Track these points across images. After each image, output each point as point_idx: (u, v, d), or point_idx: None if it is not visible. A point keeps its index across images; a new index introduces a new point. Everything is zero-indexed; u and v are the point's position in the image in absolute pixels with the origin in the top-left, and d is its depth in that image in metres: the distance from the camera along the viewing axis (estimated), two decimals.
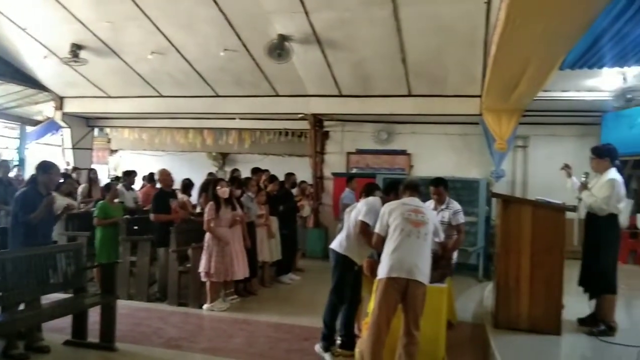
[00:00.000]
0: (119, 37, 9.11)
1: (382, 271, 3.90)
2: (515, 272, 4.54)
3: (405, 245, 3.87)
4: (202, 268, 6.16)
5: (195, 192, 8.20)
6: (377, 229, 4.15)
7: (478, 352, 4.50)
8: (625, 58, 5.63)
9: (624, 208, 4.77)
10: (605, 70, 6.85)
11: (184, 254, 6.61)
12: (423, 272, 3.86)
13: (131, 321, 5.57)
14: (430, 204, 5.64)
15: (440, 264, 4.98)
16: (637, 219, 9.23)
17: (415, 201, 4.14)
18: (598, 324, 4.57)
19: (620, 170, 4.66)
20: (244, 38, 8.54)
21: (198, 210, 7.80)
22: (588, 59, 5.77)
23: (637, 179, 9.58)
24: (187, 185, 8.13)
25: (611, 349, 4.21)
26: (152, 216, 6.84)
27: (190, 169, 11.40)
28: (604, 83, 7.80)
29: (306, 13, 7.54)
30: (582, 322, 4.79)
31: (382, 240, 4.05)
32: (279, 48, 8.11)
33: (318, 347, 4.63)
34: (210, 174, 10.43)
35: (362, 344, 4.30)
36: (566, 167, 5.07)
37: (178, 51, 9.20)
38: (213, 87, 10.50)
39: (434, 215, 4.50)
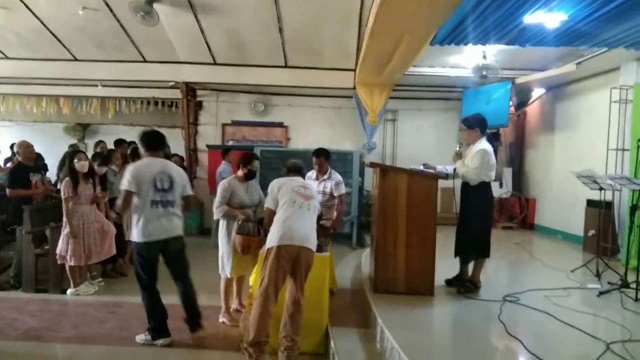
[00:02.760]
0: None
1: (273, 240, 3.88)
2: (393, 238, 4.70)
3: (297, 216, 3.96)
4: (58, 250, 5.59)
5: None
6: (268, 204, 4.18)
7: (359, 316, 4.62)
8: (486, 37, 6.05)
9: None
10: (468, 48, 7.33)
11: (41, 235, 5.92)
12: (312, 241, 3.97)
13: None
14: (312, 174, 5.66)
15: (322, 234, 5.06)
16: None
17: (300, 180, 4.37)
18: (464, 284, 4.94)
19: (490, 140, 4.96)
20: None
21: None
22: (455, 36, 6.10)
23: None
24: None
25: (476, 304, 4.57)
26: (8, 191, 6.03)
27: (43, 141, 10.23)
28: (466, 60, 8.37)
29: None
30: (448, 282, 5.13)
31: (273, 214, 4.07)
32: (144, 10, 7.44)
33: (142, 337, 4.37)
34: (72, 145, 9.43)
35: (247, 318, 4.20)
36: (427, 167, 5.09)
37: (27, 7, 8.07)
38: (70, 49, 9.46)
39: (315, 190, 4.66)
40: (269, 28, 8.34)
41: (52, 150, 9.54)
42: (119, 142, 7.99)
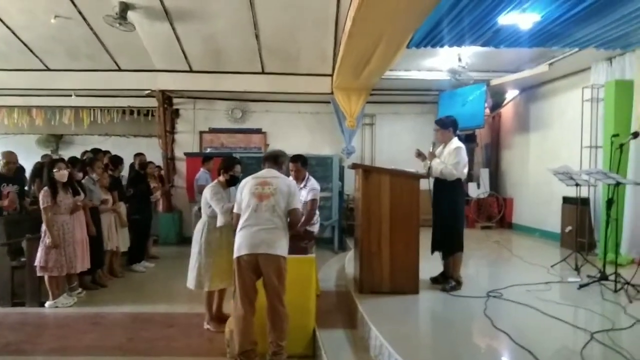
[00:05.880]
0: None
1: (234, 251, 3.79)
2: (377, 237, 4.73)
3: (252, 221, 3.77)
4: (38, 261, 5.43)
5: None
6: (235, 208, 4.00)
7: (345, 317, 4.62)
8: (462, 38, 6.15)
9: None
10: (443, 51, 7.44)
11: (17, 247, 5.78)
12: (274, 245, 3.74)
13: None
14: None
15: (301, 236, 5.04)
16: (469, 187, 10.33)
17: (269, 172, 4.01)
18: (448, 281, 5.00)
19: (461, 140, 5.11)
20: (79, 4, 7.62)
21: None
22: (431, 38, 6.19)
23: (469, 151, 10.67)
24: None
25: (461, 301, 4.62)
26: None
27: (17, 154, 9.98)
28: (441, 63, 8.48)
29: None
30: (434, 280, 5.20)
31: (238, 217, 3.90)
32: (118, 20, 7.33)
33: None
34: (44, 156, 9.21)
35: (232, 323, 4.16)
36: (420, 154, 5.21)
37: None
38: (42, 59, 9.30)
39: (285, 183, 3.95)
40: (245, 34, 8.32)
41: (25, 163, 9.29)
42: (96, 152, 7.87)
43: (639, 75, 6.36)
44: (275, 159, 4.10)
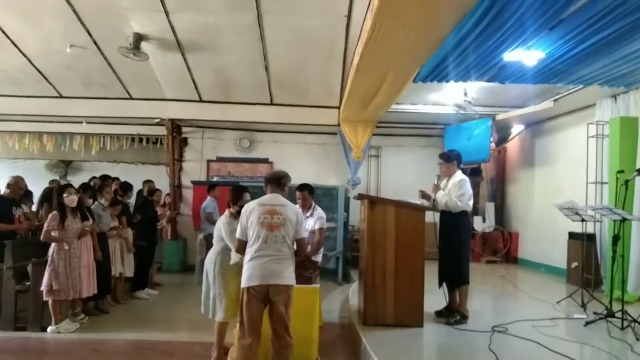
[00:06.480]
0: None
1: (243, 281, 3.76)
2: (381, 268, 4.73)
3: (263, 252, 3.73)
4: (44, 285, 5.43)
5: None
6: (237, 234, 3.92)
7: (349, 349, 4.60)
8: (468, 74, 6.27)
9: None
10: (449, 85, 7.56)
11: (22, 271, 5.80)
12: (284, 275, 3.74)
13: None
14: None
15: (306, 266, 5.02)
16: (474, 221, 10.31)
17: (274, 199, 3.92)
18: (453, 314, 4.97)
19: (465, 173, 5.19)
20: (95, 34, 7.82)
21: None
22: (437, 73, 6.30)
23: (474, 185, 10.71)
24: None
25: (465, 335, 4.58)
26: None
27: (25, 178, 10.08)
28: (447, 97, 8.61)
29: (166, 13, 7.14)
30: (438, 314, 5.17)
31: (244, 245, 3.86)
32: (132, 51, 7.54)
33: None
34: (52, 181, 9.32)
35: (234, 353, 4.12)
36: (424, 195, 5.27)
37: (14, 44, 8.12)
38: (56, 87, 9.48)
39: (293, 212, 3.94)
40: (254, 67, 8.49)
41: (33, 187, 9.38)
42: (105, 178, 7.95)
43: None
44: (278, 181, 4.03)
